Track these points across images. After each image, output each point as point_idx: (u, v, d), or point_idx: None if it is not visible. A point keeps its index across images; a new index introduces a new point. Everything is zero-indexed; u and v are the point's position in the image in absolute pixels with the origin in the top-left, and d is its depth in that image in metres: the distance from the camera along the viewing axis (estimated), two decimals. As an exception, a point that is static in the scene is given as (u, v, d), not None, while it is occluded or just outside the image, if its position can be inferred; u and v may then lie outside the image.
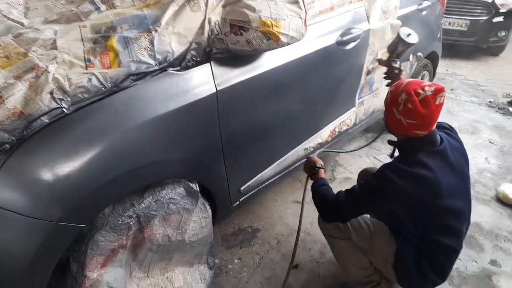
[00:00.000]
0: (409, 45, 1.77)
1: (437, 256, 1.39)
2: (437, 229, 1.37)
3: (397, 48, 1.81)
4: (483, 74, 5.07)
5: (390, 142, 1.49)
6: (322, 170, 1.65)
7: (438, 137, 1.35)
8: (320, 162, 1.68)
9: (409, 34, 1.77)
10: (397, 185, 1.26)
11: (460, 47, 5.51)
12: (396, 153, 1.49)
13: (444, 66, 5.24)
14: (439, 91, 1.24)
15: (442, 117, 1.37)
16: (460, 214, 1.40)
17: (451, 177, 1.34)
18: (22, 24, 1.24)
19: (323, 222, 1.58)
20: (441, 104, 1.26)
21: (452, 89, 4.46)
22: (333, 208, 1.42)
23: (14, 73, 1.02)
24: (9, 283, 1.01)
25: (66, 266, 1.19)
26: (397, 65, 1.85)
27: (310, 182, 1.67)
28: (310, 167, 1.69)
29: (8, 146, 0.96)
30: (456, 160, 1.37)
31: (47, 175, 1.01)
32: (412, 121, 1.28)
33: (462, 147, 1.46)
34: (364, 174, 1.86)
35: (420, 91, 1.24)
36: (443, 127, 1.50)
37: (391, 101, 1.33)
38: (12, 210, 0.96)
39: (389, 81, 1.90)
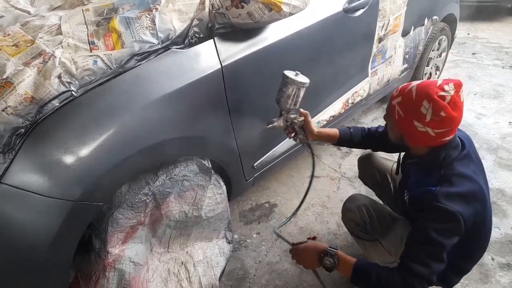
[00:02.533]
0: (300, 84, 1.33)
1: (465, 265, 1.32)
2: (478, 241, 1.26)
3: (299, 95, 1.36)
4: (507, 36, 4.83)
5: (407, 161, 1.30)
6: (341, 253, 1.21)
7: (457, 137, 1.18)
8: (326, 246, 1.23)
9: (296, 74, 1.35)
10: (460, 214, 1.05)
11: (482, 8, 5.24)
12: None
13: (465, 30, 5.02)
14: (459, 86, 1.06)
15: (464, 83, 1.24)
16: (491, 212, 1.27)
17: (481, 175, 1.20)
18: (28, 12, 1.27)
19: (346, 220, 1.51)
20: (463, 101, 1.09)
21: (473, 53, 4.28)
22: (409, 281, 1.08)
23: (23, 59, 1.05)
24: (36, 261, 1.07)
25: (88, 243, 1.26)
26: (295, 114, 1.45)
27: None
28: (319, 260, 1.22)
29: (23, 130, 1.00)
30: (475, 153, 1.24)
31: (62, 156, 1.05)
32: (442, 130, 1.08)
33: (466, 134, 1.29)
34: (362, 162, 1.74)
35: (443, 93, 1.05)
36: None
37: (409, 114, 1.11)
38: (32, 191, 1.01)
39: (300, 136, 1.52)
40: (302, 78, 1.34)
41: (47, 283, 1.15)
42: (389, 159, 1.71)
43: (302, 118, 1.48)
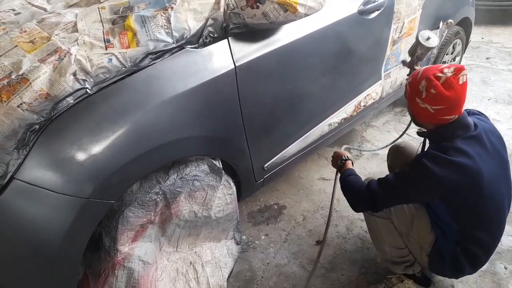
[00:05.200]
0: (428, 49, 1.72)
1: (475, 250, 1.34)
2: (477, 221, 1.31)
3: (416, 51, 1.76)
4: (523, 41, 4.74)
5: (419, 133, 1.42)
6: (349, 162, 1.59)
7: (471, 121, 1.28)
8: (346, 155, 1.63)
9: (428, 38, 1.71)
10: (436, 175, 1.19)
11: (497, 12, 5.15)
12: (427, 146, 1.42)
13: (479, 34, 4.94)
14: (459, 70, 1.19)
15: (478, 88, 1.31)
16: (500, 203, 1.32)
17: (490, 163, 1.26)
18: (45, 9, 1.28)
19: None
20: (465, 83, 1.21)
21: (487, 58, 4.21)
22: (365, 197, 1.35)
23: (39, 56, 1.06)
24: (47, 257, 1.08)
25: (99, 241, 1.26)
26: (418, 67, 1.77)
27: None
28: (336, 161, 1.65)
29: (37, 126, 1.01)
30: (493, 145, 1.30)
31: (75, 153, 1.05)
32: (439, 107, 1.22)
33: (496, 130, 1.38)
34: (395, 152, 1.80)
35: (440, 74, 1.19)
36: (474, 113, 1.41)
37: (412, 92, 1.28)
38: (44, 187, 1.01)
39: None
40: (431, 43, 1.69)
41: (57, 279, 1.15)
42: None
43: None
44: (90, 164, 1.08)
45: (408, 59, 1.85)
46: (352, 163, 1.61)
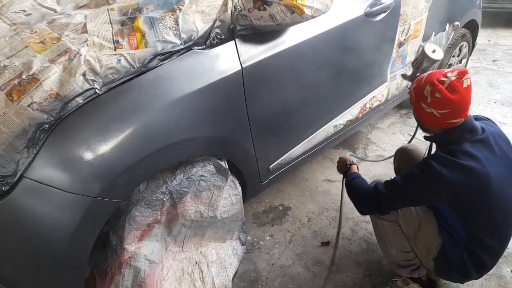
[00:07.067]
0: (434, 61, 1.74)
1: (482, 255, 1.33)
2: (485, 225, 1.30)
3: (422, 64, 1.77)
4: (530, 43, 4.72)
5: (426, 138, 1.41)
6: (354, 166, 1.60)
7: (478, 125, 1.28)
8: (351, 159, 1.65)
9: (434, 51, 1.73)
10: (444, 177, 1.18)
11: (504, 15, 5.13)
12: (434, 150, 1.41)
13: (485, 36, 4.92)
14: (463, 73, 1.19)
15: (484, 90, 1.31)
16: (508, 207, 1.31)
17: (499, 167, 1.26)
18: (55, 10, 1.30)
19: None
20: (469, 87, 1.21)
21: (494, 60, 4.19)
22: (371, 200, 1.35)
23: (49, 57, 1.07)
24: (55, 255, 1.09)
25: (106, 239, 1.27)
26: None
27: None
28: (342, 166, 1.66)
29: (47, 126, 1.02)
30: (501, 148, 1.29)
31: (84, 152, 1.06)
32: (444, 111, 1.22)
33: (504, 134, 1.37)
34: (402, 154, 1.79)
35: (444, 79, 1.20)
36: (481, 119, 1.41)
37: (417, 97, 1.28)
38: (53, 186, 1.02)
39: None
40: (436, 56, 1.71)
41: (64, 277, 1.17)
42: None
43: None
44: (98, 164, 1.09)
45: (409, 72, 1.85)
46: (357, 168, 1.61)
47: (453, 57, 2.96)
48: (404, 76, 1.94)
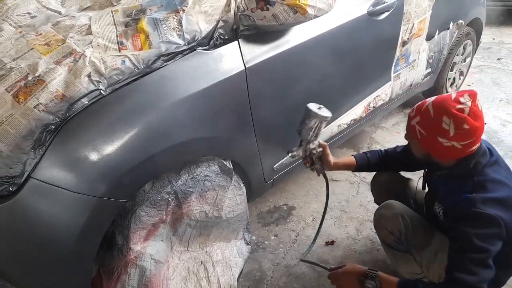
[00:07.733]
0: (323, 119, 1.34)
1: (499, 275, 1.19)
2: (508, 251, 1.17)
3: (311, 125, 1.35)
4: (535, 41, 4.68)
5: (438, 175, 1.28)
6: (382, 274, 1.17)
7: (484, 145, 1.19)
8: (366, 268, 1.20)
9: (319, 108, 1.36)
10: (500, 218, 1.06)
11: (508, 13, 5.10)
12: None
13: (490, 35, 4.89)
14: (474, 95, 1.09)
15: (489, 89, 1.27)
16: None
17: None
18: (59, 12, 1.31)
19: (380, 227, 1.45)
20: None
21: (499, 59, 4.16)
22: None
23: (54, 58, 1.09)
24: (62, 254, 1.10)
25: (112, 239, 1.28)
26: (314, 145, 1.44)
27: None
28: (358, 282, 1.19)
29: (53, 127, 1.03)
30: (503, 161, 1.23)
31: (90, 153, 1.07)
32: (468, 141, 1.10)
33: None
34: (380, 186, 1.65)
35: (461, 106, 1.07)
36: None
37: (432, 132, 1.13)
38: (60, 186, 1.03)
39: (316, 167, 1.52)
40: (325, 112, 1.34)
41: (71, 276, 1.18)
42: (409, 177, 1.66)
43: (321, 149, 1.48)
44: (104, 164, 1.10)
45: (295, 148, 1.43)
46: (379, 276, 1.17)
47: (457, 55, 2.95)
48: (293, 156, 1.44)
